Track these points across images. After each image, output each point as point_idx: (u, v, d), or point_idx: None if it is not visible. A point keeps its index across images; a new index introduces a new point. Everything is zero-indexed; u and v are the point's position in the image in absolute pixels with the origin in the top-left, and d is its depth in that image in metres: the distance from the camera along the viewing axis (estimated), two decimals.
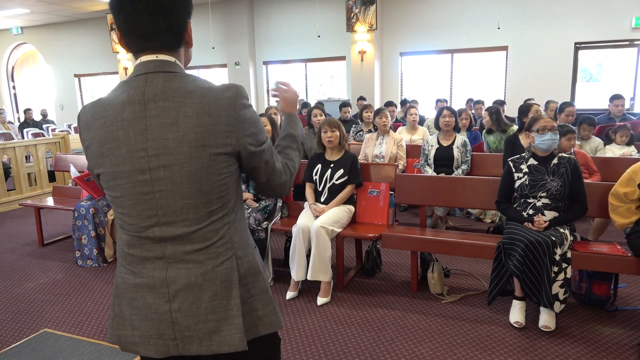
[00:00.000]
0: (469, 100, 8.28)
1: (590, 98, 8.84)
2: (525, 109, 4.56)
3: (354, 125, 6.36)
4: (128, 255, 1.16)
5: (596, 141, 4.72)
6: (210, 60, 11.41)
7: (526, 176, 2.96)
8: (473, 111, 7.75)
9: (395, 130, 5.31)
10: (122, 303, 1.19)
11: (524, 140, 4.16)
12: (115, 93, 1.12)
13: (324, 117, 5.11)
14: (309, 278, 3.22)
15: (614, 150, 4.64)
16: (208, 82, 1.12)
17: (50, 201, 4.87)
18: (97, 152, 1.12)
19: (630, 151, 4.58)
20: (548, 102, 6.35)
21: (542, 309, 2.79)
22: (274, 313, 1.24)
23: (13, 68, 14.72)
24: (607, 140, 4.81)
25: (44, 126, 10.25)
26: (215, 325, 1.14)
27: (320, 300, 3.23)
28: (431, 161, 4.63)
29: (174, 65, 1.12)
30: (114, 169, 1.10)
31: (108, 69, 12.72)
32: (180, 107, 1.06)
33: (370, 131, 5.92)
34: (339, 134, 3.56)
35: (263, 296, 1.22)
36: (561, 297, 2.69)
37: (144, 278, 1.14)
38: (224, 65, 11.38)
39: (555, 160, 2.95)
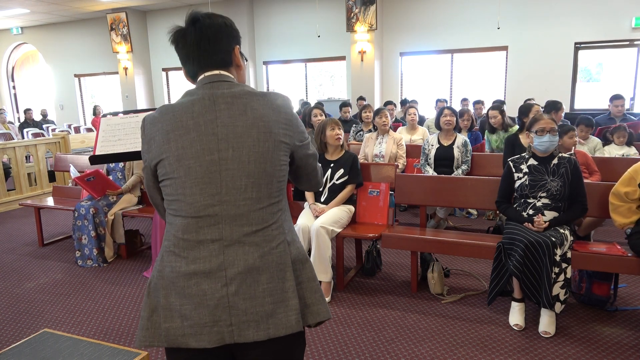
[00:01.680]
0: (464, 100, 8.28)
1: (590, 98, 8.84)
2: (525, 109, 4.56)
3: (354, 125, 6.37)
4: (182, 241, 1.18)
5: (594, 141, 4.72)
6: None
7: (526, 176, 2.96)
8: (473, 111, 7.75)
9: (395, 130, 5.31)
10: (170, 294, 1.18)
11: (524, 140, 4.16)
12: (182, 98, 1.26)
13: (324, 117, 5.11)
14: None
15: (612, 151, 4.64)
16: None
17: (50, 201, 4.87)
18: (161, 140, 1.21)
19: (631, 152, 4.58)
20: (554, 103, 6.31)
21: (542, 312, 2.78)
22: (322, 302, 1.27)
23: (13, 68, 14.71)
24: (606, 142, 4.81)
25: (44, 126, 10.25)
26: (272, 308, 1.16)
27: None
28: (431, 161, 4.63)
29: (232, 78, 1.28)
30: (179, 152, 1.18)
31: (108, 69, 12.72)
32: (248, 102, 1.21)
33: (370, 131, 5.92)
34: (342, 132, 3.57)
35: (311, 284, 1.26)
36: (562, 297, 2.69)
37: (198, 264, 1.16)
38: None
39: (555, 161, 2.95)
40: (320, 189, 3.55)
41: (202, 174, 1.16)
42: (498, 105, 5.35)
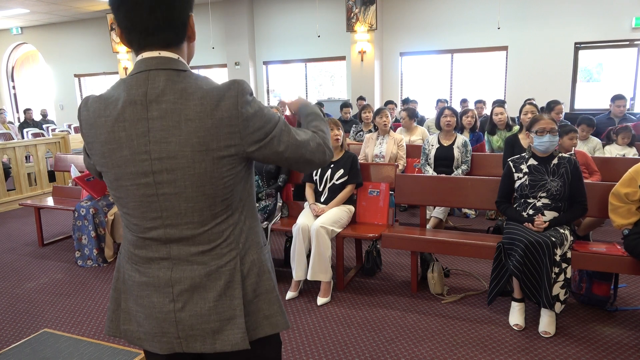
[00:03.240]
0: (464, 101, 8.28)
1: (590, 98, 8.84)
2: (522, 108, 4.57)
3: (354, 125, 6.36)
4: (134, 255, 1.17)
5: (594, 141, 4.72)
6: (210, 60, 11.41)
7: (526, 176, 2.96)
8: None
9: (395, 130, 5.30)
10: (129, 299, 1.21)
11: (524, 140, 4.16)
12: (116, 91, 1.09)
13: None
14: (309, 278, 3.22)
15: (613, 151, 4.64)
16: (210, 82, 1.10)
17: (50, 201, 4.87)
18: (99, 151, 1.11)
19: (630, 152, 4.58)
20: (551, 103, 6.31)
21: (542, 312, 2.79)
22: (280, 313, 1.23)
23: (13, 68, 14.71)
24: (608, 141, 4.81)
25: (44, 126, 10.25)
26: (218, 325, 1.14)
27: (320, 300, 3.23)
28: (431, 161, 4.63)
29: (176, 62, 1.09)
30: (116, 170, 1.10)
31: (108, 69, 12.72)
32: (182, 109, 1.04)
33: (370, 131, 5.91)
34: (342, 132, 3.57)
35: (269, 296, 1.21)
36: (562, 297, 2.69)
37: (149, 277, 1.16)
38: (224, 65, 11.38)
39: (555, 161, 2.95)
40: (320, 189, 3.55)
41: (139, 197, 1.09)
42: (503, 102, 5.34)
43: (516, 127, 5.01)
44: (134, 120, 1.06)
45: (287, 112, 1.54)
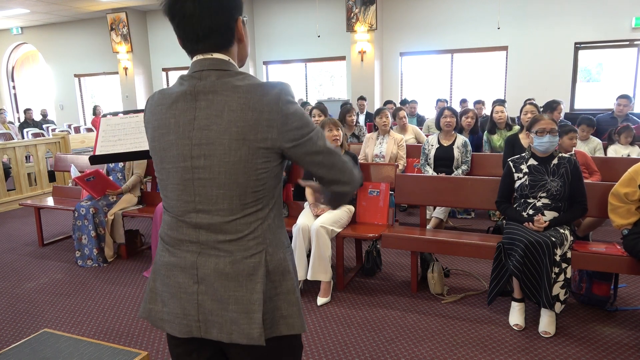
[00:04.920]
0: (463, 101, 8.28)
1: (590, 98, 8.84)
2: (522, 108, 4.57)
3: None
4: (167, 236, 1.24)
5: (595, 141, 4.71)
6: None
7: (526, 176, 2.96)
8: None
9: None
10: (157, 279, 1.26)
11: (524, 140, 4.16)
12: (175, 85, 1.21)
13: (322, 117, 5.10)
14: (309, 278, 3.22)
15: (618, 151, 4.64)
16: (258, 80, 1.17)
17: (50, 201, 4.87)
18: (151, 136, 1.22)
19: (633, 152, 4.58)
20: (552, 102, 6.28)
21: (542, 312, 2.79)
22: (298, 315, 1.23)
23: (13, 68, 14.71)
24: (610, 141, 4.80)
25: (44, 126, 10.25)
26: (235, 316, 1.16)
27: (320, 300, 3.23)
28: (431, 161, 4.63)
29: (227, 63, 1.17)
30: (162, 154, 1.19)
31: (108, 69, 12.72)
32: (227, 100, 1.12)
33: (353, 134, 5.85)
34: (341, 133, 3.57)
35: (289, 296, 1.22)
36: (562, 297, 2.69)
37: (177, 258, 1.21)
38: None
39: (555, 161, 2.95)
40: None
41: (178, 180, 1.17)
42: (503, 102, 5.33)
43: (516, 127, 5.01)
44: (183, 109, 1.15)
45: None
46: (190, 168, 1.14)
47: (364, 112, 7.97)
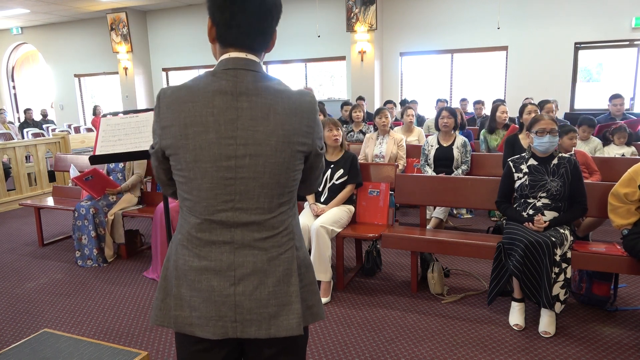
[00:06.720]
0: (463, 100, 8.28)
1: (590, 98, 8.84)
2: (524, 109, 4.56)
3: (345, 125, 6.30)
4: (195, 239, 1.20)
5: (595, 141, 4.71)
6: (210, 60, 11.40)
7: (526, 176, 2.96)
8: (472, 110, 7.76)
9: (392, 129, 5.28)
10: (182, 285, 1.23)
11: (524, 140, 4.16)
12: (201, 81, 1.18)
13: (322, 117, 5.10)
14: None
15: (612, 152, 4.64)
16: (287, 85, 1.23)
17: (50, 201, 4.87)
18: (178, 133, 1.16)
19: (631, 152, 4.58)
20: (542, 102, 6.28)
21: (542, 312, 2.79)
22: (320, 304, 1.32)
23: (13, 68, 14.71)
24: (605, 142, 4.81)
25: (44, 126, 10.24)
26: (275, 310, 1.20)
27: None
28: (431, 161, 4.63)
29: (258, 65, 1.21)
30: (197, 152, 1.15)
31: (108, 69, 12.72)
32: (272, 104, 1.16)
33: (362, 131, 5.90)
34: (341, 132, 3.57)
35: (312, 287, 1.30)
36: (562, 297, 2.69)
37: (210, 261, 1.19)
38: None
39: (555, 161, 2.95)
40: (320, 189, 3.55)
41: (217, 179, 1.16)
42: (503, 102, 5.33)
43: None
44: (223, 107, 1.15)
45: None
46: (234, 167, 1.15)
47: (364, 112, 7.96)
